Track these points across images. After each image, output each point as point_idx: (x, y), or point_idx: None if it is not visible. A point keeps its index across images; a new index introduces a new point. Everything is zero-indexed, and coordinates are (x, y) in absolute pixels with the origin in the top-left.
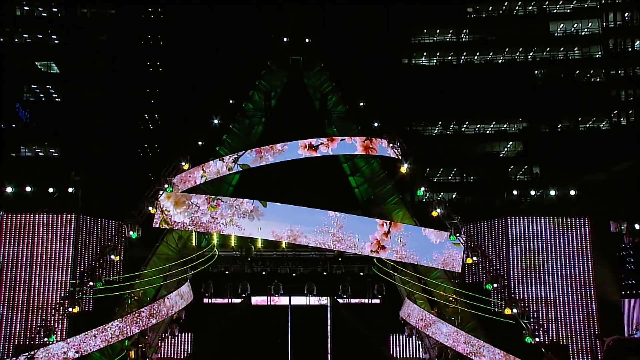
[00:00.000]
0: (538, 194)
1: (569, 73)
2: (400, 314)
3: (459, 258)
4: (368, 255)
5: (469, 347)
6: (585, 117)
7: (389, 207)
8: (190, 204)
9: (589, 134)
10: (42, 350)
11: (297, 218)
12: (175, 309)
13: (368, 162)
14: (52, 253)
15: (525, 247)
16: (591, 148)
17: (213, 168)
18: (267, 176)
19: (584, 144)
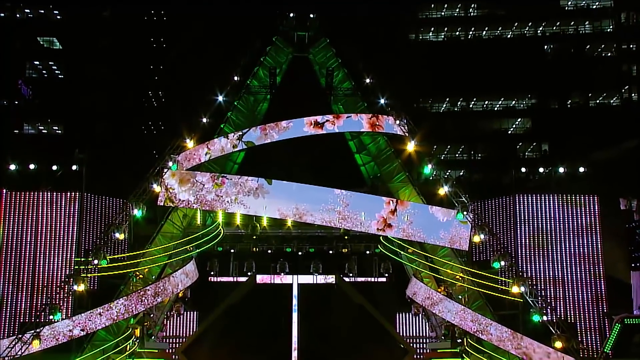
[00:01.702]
0: (547, 172)
1: (580, 48)
2: (407, 293)
3: (466, 236)
4: (374, 233)
5: (476, 325)
6: (596, 92)
7: (396, 184)
8: (195, 181)
9: (599, 110)
10: (48, 328)
11: (303, 196)
12: (180, 288)
13: (374, 139)
14: (56, 231)
15: (533, 225)
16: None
17: (217, 146)
18: (273, 154)
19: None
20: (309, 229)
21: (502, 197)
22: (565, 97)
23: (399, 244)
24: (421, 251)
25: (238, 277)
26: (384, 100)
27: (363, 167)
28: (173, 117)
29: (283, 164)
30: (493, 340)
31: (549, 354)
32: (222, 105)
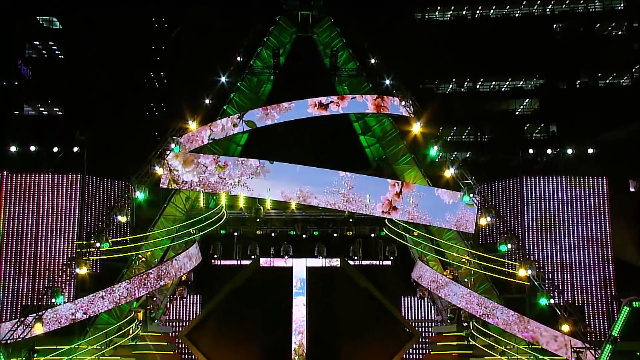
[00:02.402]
0: (555, 153)
1: (589, 26)
2: (412, 276)
3: (473, 219)
4: (379, 216)
5: (482, 309)
6: (605, 72)
7: (401, 167)
8: (198, 163)
9: (609, 90)
10: (50, 311)
11: (307, 178)
12: (183, 271)
13: (379, 121)
14: (58, 214)
15: (540, 208)
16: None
17: (220, 127)
18: (276, 136)
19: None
20: (313, 212)
21: (509, 179)
22: (574, 77)
23: (404, 226)
24: (427, 234)
25: (241, 260)
26: (389, 81)
27: (368, 149)
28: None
29: (287, 146)
30: (499, 323)
31: (556, 337)
32: (225, 86)
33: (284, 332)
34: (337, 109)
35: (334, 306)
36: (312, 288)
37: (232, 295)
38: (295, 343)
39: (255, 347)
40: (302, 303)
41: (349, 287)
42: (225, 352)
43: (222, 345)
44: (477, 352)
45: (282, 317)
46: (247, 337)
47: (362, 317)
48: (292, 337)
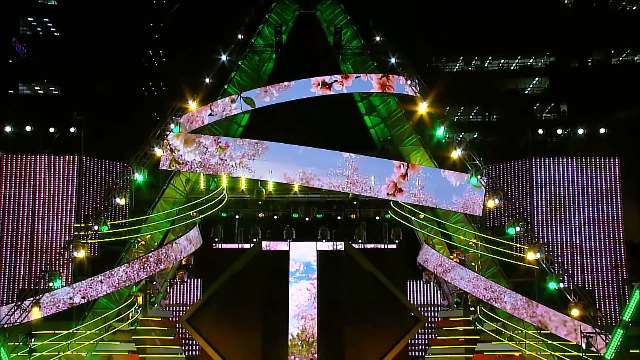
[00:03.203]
0: (565, 133)
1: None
2: (418, 260)
3: (480, 201)
4: (384, 198)
5: (490, 293)
6: (619, 49)
7: (407, 147)
8: (199, 143)
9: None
10: (48, 295)
11: (310, 160)
12: (183, 254)
13: (385, 100)
14: (55, 196)
15: (550, 189)
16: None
17: (220, 107)
18: (279, 116)
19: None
20: (317, 194)
21: (517, 160)
22: (585, 54)
23: (410, 209)
24: (433, 217)
25: (243, 243)
26: (395, 59)
27: (373, 129)
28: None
29: (289, 127)
30: (507, 308)
31: (565, 322)
32: (226, 65)
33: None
34: (341, 89)
35: (339, 290)
36: (318, 272)
37: (233, 280)
38: (298, 328)
39: (256, 332)
40: (306, 287)
41: (353, 271)
42: (226, 336)
43: (223, 330)
44: (485, 337)
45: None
46: (248, 321)
47: (367, 301)
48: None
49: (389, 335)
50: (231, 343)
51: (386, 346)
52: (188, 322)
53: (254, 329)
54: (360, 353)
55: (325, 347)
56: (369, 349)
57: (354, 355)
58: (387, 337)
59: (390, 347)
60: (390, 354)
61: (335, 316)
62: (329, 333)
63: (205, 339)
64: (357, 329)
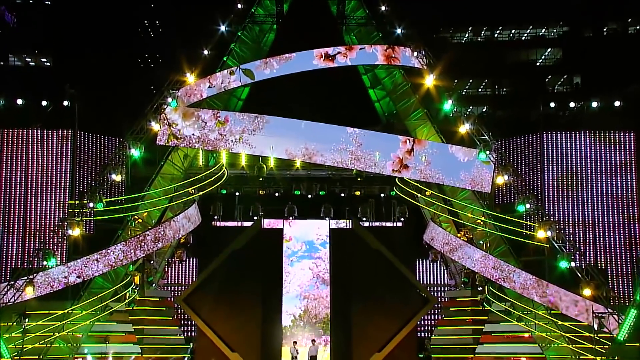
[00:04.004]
0: (578, 106)
1: None
2: (424, 238)
3: (489, 177)
4: (389, 175)
5: (498, 272)
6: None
7: (413, 122)
8: (198, 117)
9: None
10: (42, 274)
11: (313, 135)
12: (182, 232)
13: (390, 73)
14: (48, 172)
15: (562, 165)
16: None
17: (219, 80)
18: (280, 90)
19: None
20: (319, 170)
21: (528, 134)
22: (600, 24)
23: (416, 186)
24: (440, 194)
25: (243, 221)
26: (401, 30)
27: (377, 103)
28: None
29: (291, 101)
30: (516, 288)
31: (577, 302)
32: (225, 36)
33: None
34: (344, 61)
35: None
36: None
37: (232, 258)
38: (301, 308)
39: (255, 312)
40: (308, 267)
41: (361, 250)
42: (224, 316)
43: (221, 310)
44: (493, 317)
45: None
46: (247, 301)
47: (376, 281)
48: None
49: (398, 315)
50: (229, 323)
51: (395, 327)
52: (185, 301)
53: (253, 309)
54: (369, 334)
55: (334, 328)
56: (378, 329)
57: (362, 336)
58: (397, 318)
59: (400, 328)
60: (400, 335)
61: (344, 296)
62: (337, 313)
63: (203, 319)
64: (365, 309)
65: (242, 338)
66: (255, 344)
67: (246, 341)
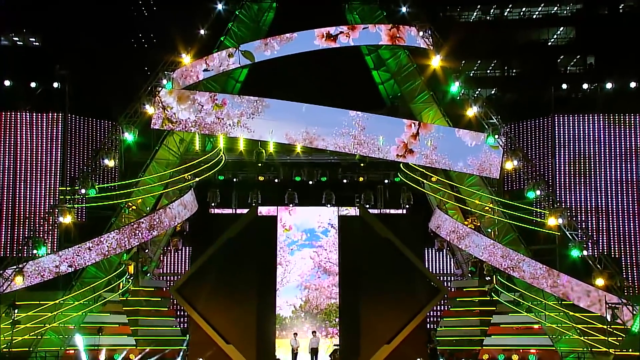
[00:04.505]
0: (592, 88)
1: None
2: (430, 226)
3: (497, 162)
4: (394, 160)
5: (507, 261)
6: None
7: (418, 105)
8: (194, 100)
9: None
10: (32, 263)
11: (314, 118)
12: (177, 220)
13: (394, 54)
14: (38, 157)
15: (574, 149)
16: None
17: (217, 61)
18: (280, 71)
19: None
20: (321, 156)
21: (539, 117)
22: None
23: (422, 172)
24: (446, 180)
25: (240, 208)
26: (406, 9)
27: (381, 85)
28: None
29: (291, 83)
30: (526, 277)
31: (589, 292)
32: (222, 14)
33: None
34: (347, 41)
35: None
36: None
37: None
38: (301, 299)
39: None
40: (309, 256)
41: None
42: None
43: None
44: (501, 308)
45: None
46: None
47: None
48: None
49: (407, 306)
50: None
51: (405, 318)
52: (178, 292)
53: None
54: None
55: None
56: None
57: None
58: (406, 309)
59: (409, 319)
60: (409, 326)
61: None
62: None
63: (197, 309)
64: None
65: (237, 329)
66: (251, 335)
67: (241, 332)
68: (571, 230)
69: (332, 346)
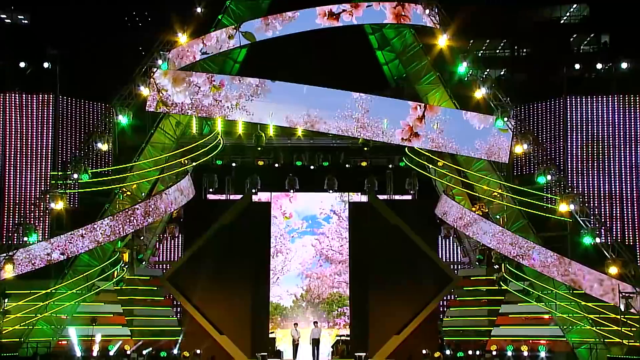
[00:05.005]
0: (606, 68)
1: None
2: (436, 212)
3: (507, 146)
4: (398, 144)
5: (516, 249)
6: None
7: (424, 86)
8: (190, 82)
9: None
10: (22, 251)
11: (315, 101)
12: (174, 206)
13: (399, 33)
14: (28, 140)
15: (587, 132)
16: None
17: (214, 40)
18: (280, 51)
19: None
20: (323, 140)
21: (550, 99)
22: None
23: (428, 156)
24: (453, 164)
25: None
26: None
27: (386, 66)
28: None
29: (292, 64)
30: (536, 266)
31: (602, 281)
32: None
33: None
34: (350, 19)
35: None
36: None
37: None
38: (302, 288)
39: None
40: (311, 243)
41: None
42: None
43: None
44: (510, 298)
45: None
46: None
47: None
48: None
49: (418, 295)
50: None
51: (416, 308)
52: (170, 281)
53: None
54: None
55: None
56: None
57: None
58: (417, 298)
59: (420, 309)
60: (420, 316)
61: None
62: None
63: (189, 299)
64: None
65: (231, 320)
66: (246, 326)
67: (236, 323)
68: (583, 216)
69: (334, 337)
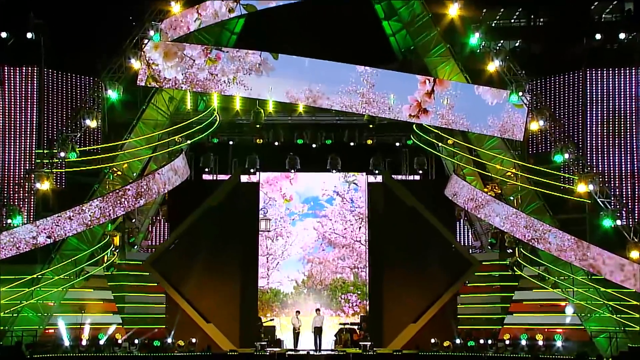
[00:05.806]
0: (629, 38)
1: None
2: (446, 193)
3: (521, 123)
4: (406, 120)
5: (531, 232)
6: None
7: (434, 59)
8: (183, 55)
9: None
10: (6, 234)
11: (318, 75)
12: (168, 187)
13: (407, 2)
14: (11, 116)
15: (607, 107)
16: None
17: (210, 10)
18: (280, 22)
19: None
20: (325, 116)
21: (569, 72)
22: None
23: (437, 133)
24: (464, 142)
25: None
26: None
27: (392, 37)
28: None
29: (293, 35)
30: (552, 250)
31: (623, 266)
32: None
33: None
34: None
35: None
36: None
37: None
38: (304, 273)
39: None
40: (312, 226)
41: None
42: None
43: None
44: (524, 284)
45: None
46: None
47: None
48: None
49: (436, 281)
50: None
51: (433, 294)
52: (153, 265)
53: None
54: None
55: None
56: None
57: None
58: (435, 284)
59: (438, 295)
60: (438, 303)
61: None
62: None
63: (173, 285)
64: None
65: (219, 307)
66: (234, 314)
67: (223, 311)
68: (603, 197)
69: (338, 325)
